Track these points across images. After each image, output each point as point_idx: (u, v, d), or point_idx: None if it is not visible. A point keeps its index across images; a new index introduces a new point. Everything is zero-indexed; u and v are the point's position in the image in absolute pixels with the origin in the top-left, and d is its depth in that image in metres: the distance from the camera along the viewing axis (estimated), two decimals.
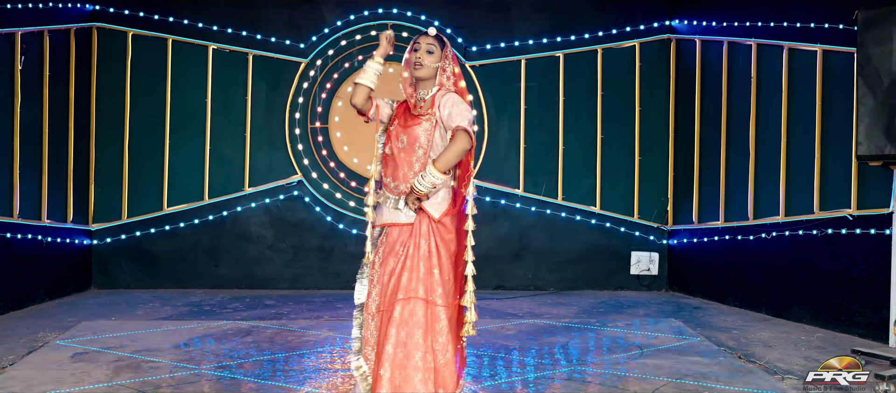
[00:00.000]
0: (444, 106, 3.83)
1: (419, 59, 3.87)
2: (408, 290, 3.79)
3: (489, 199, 7.90)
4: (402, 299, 3.79)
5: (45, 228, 7.00)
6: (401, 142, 3.87)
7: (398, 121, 3.94)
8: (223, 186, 7.72)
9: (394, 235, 3.87)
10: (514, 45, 7.86)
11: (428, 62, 3.86)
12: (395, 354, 3.76)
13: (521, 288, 7.95)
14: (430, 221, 3.81)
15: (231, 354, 5.38)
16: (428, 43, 3.88)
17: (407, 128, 3.87)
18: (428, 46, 3.87)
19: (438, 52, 3.88)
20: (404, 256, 3.83)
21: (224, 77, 7.68)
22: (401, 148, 3.87)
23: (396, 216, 3.86)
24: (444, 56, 3.89)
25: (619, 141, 7.95)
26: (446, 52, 3.90)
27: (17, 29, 6.55)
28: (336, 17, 7.73)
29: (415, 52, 3.89)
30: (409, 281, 3.80)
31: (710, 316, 6.88)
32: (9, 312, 6.61)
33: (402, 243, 3.84)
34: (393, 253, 3.85)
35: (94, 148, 7.62)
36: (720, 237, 7.38)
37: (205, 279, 7.73)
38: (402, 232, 3.84)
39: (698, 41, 7.61)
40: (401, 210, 3.85)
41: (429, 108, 3.88)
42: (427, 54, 3.87)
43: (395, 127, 3.92)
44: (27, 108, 6.74)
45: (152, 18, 7.58)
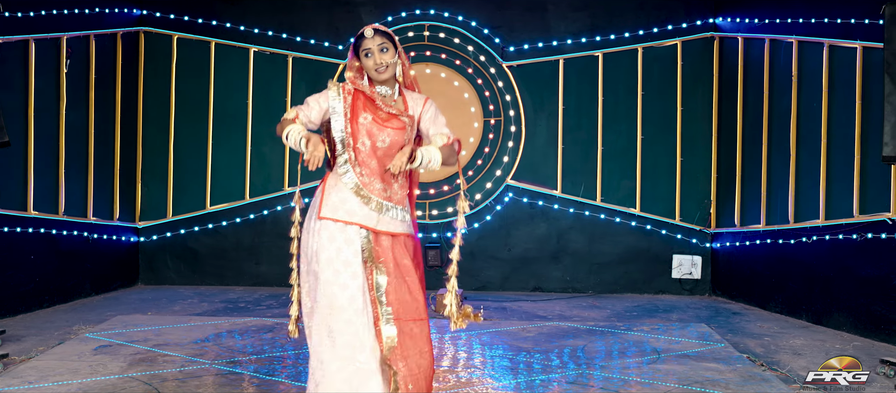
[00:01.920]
0: (426, 114, 3.73)
1: (380, 62, 3.66)
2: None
3: (526, 200, 7.85)
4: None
5: (91, 225, 7.26)
6: (382, 141, 3.65)
7: (370, 115, 3.67)
8: (264, 186, 7.87)
9: (386, 244, 3.68)
10: (552, 45, 7.79)
11: (389, 60, 3.67)
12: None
13: (558, 290, 7.88)
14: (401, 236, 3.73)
15: (245, 349, 5.49)
16: (378, 44, 3.66)
17: (387, 127, 3.66)
18: (380, 45, 3.66)
19: (392, 48, 3.69)
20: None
21: (265, 78, 7.84)
22: (381, 147, 3.66)
23: (392, 225, 3.67)
24: (397, 49, 3.71)
25: (659, 141, 7.80)
26: (397, 45, 3.72)
27: (63, 34, 6.81)
28: (373, 18, 7.80)
29: (367, 56, 3.67)
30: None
31: (747, 322, 6.69)
32: (54, 306, 6.88)
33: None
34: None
35: (142, 148, 7.86)
36: (762, 241, 7.16)
37: (246, 277, 7.90)
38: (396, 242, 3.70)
39: (741, 39, 7.41)
40: (395, 219, 3.68)
41: (404, 110, 3.72)
42: (382, 53, 3.66)
43: (370, 123, 3.65)
44: (73, 110, 7.00)
45: (196, 22, 7.78)
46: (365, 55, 3.67)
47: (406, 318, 3.64)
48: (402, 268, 3.67)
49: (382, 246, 3.65)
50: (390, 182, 3.68)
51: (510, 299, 7.48)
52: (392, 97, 3.75)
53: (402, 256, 3.68)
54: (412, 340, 3.63)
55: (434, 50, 7.79)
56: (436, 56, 7.79)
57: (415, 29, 7.79)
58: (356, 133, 3.64)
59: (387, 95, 3.73)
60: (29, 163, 6.56)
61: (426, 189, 7.80)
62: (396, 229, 3.68)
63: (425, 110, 3.74)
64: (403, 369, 3.59)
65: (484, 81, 7.78)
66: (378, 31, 3.68)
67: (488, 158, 7.81)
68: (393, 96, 3.75)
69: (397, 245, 3.70)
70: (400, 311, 3.63)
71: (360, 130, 3.64)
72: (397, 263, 3.67)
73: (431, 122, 3.75)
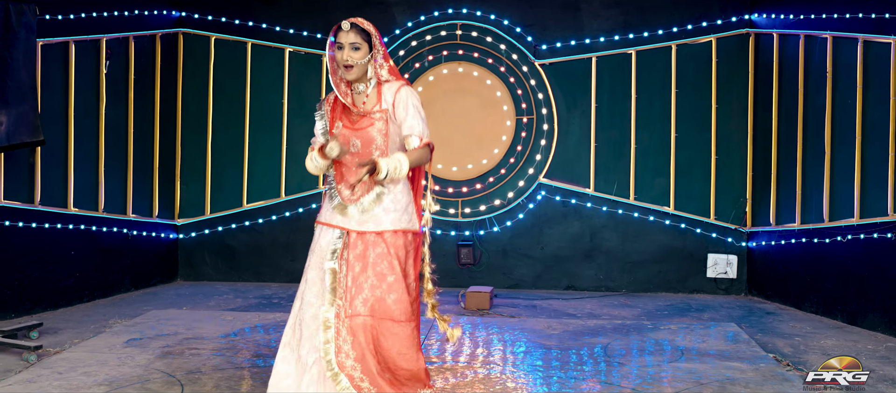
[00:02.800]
0: (399, 104, 3.73)
1: (346, 59, 3.68)
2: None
3: (559, 198, 7.83)
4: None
5: (131, 222, 7.45)
6: (353, 146, 3.76)
7: (342, 121, 3.77)
8: (299, 184, 7.98)
9: (361, 243, 3.76)
10: (585, 43, 7.76)
11: (357, 59, 3.68)
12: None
13: (592, 289, 7.85)
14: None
15: (270, 343, 5.59)
16: (350, 41, 3.68)
17: (357, 129, 3.74)
18: (352, 43, 3.68)
19: (365, 47, 3.69)
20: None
21: (299, 78, 7.95)
22: (354, 153, 3.74)
23: (369, 225, 3.75)
24: (372, 47, 3.71)
25: (694, 140, 7.72)
26: (373, 41, 3.71)
27: (103, 35, 7.00)
28: (406, 18, 7.87)
29: (340, 49, 3.69)
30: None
31: (780, 322, 6.60)
32: (94, 300, 7.07)
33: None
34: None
35: (181, 147, 8.03)
36: (797, 240, 7.05)
37: (281, 273, 8.02)
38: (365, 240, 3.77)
39: (776, 35, 7.30)
40: (369, 219, 3.75)
41: (376, 103, 3.75)
42: (353, 51, 3.68)
43: (341, 129, 3.76)
44: (112, 109, 7.18)
45: (233, 23, 7.93)
46: (338, 47, 3.73)
47: (371, 315, 3.70)
48: (375, 265, 3.72)
49: (356, 245, 3.74)
50: (371, 186, 3.74)
51: (541, 298, 7.48)
52: (365, 92, 3.77)
53: (383, 257, 3.72)
54: (371, 340, 3.69)
55: (466, 49, 7.82)
56: (468, 55, 7.82)
57: (447, 28, 7.83)
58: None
59: (360, 91, 3.78)
60: (69, 161, 6.76)
61: (459, 187, 7.84)
62: (375, 228, 3.74)
63: (397, 100, 3.75)
64: (358, 367, 3.68)
65: (516, 80, 7.79)
66: (355, 26, 3.71)
67: (520, 157, 7.82)
68: (366, 91, 3.77)
69: (379, 244, 3.73)
70: (363, 305, 3.70)
71: (337, 139, 3.74)
72: (367, 261, 3.72)
73: (403, 115, 3.75)
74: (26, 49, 5.38)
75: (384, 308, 3.71)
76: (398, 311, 3.71)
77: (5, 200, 6.21)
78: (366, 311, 3.70)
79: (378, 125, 3.73)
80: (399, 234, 3.75)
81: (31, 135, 5.46)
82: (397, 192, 3.78)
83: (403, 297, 3.73)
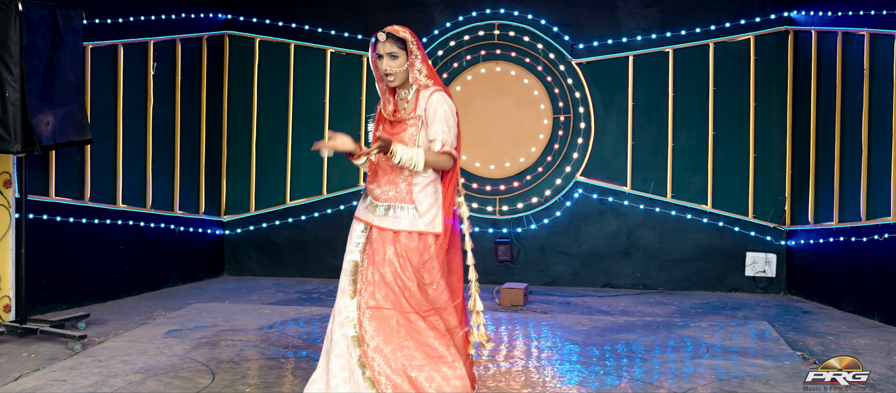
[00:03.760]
0: (430, 110, 3.83)
1: (386, 69, 3.82)
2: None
3: (596, 196, 7.88)
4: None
5: (178, 218, 7.71)
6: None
7: (384, 126, 3.94)
8: (340, 182, 8.16)
9: (384, 238, 3.87)
10: (622, 42, 7.79)
11: (395, 68, 3.81)
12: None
13: (629, 287, 7.87)
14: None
15: (303, 336, 5.76)
16: (388, 51, 3.81)
17: (394, 134, 3.87)
18: (389, 53, 3.81)
19: (403, 54, 3.82)
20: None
21: (341, 79, 8.13)
22: (387, 156, 3.83)
23: (395, 223, 3.84)
24: (409, 53, 3.83)
25: (732, 138, 7.69)
26: (410, 48, 3.83)
27: (150, 38, 7.27)
28: (445, 18, 7.99)
29: (379, 59, 3.84)
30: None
31: (815, 321, 6.56)
32: (142, 294, 7.34)
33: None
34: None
35: (227, 146, 8.28)
36: (835, 238, 6.99)
37: (323, 268, 8.21)
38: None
39: (814, 32, 7.24)
40: (389, 217, 3.85)
41: (412, 110, 3.87)
42: (391, 60, 3.81)
43: (381, 133, 3.90)
44: (160, 109, 7.45)
45: (277, 25, 8.14)
46: (378, 57, 3.87)
47: (395, 309, 3.80)
48: (390, 263, 3.82)
49: (376, 240, 3.86)
50: (396, 183, 3.86)
51: (577, 295, 7.53)
52: (406, 98, 3.92)
53: (396, 255, 3.81)
54: (393, 332, 3.79)
55: (504, 48, 7.91)
56: (505, 54, 7.91)
57: (485, 28, 7.93)
58: (373, 143, 3.88)
59: (403, 98, 3.93)
60: (118, 159, 7.03)
61: (497, 185, 7.94)
62: (393, 226, 3.84)
63: (428, 106, 3.85)
64: (380, 362, 3.77)
65: (553, 79, 7.86)
66: (390, 36, 3.82)
67: (558, 155, 7.88)
68: (407, 97, 3.92)
69: (394, 242, 3.83)
70: (384, 299, 3.80)
71: (375, 141, 3.86)
72: (385, 256, 3.83)
73: (430, 120, 3.85)
74: (73, 52, 5.63)
75: (402, 302, 3.81)
76: (428, 301, 3.84)
77: (57, 197, 6.50)
78: (388, 304, 3.80)
79: (410, 131, 3.84)
80: (414, 235, 3.83)
81: (77, 133, 5.71)
82: (421, 195, 3.87)
83: (432, 289, 3.85)
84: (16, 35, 5.15)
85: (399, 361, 3.77)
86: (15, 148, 5.19)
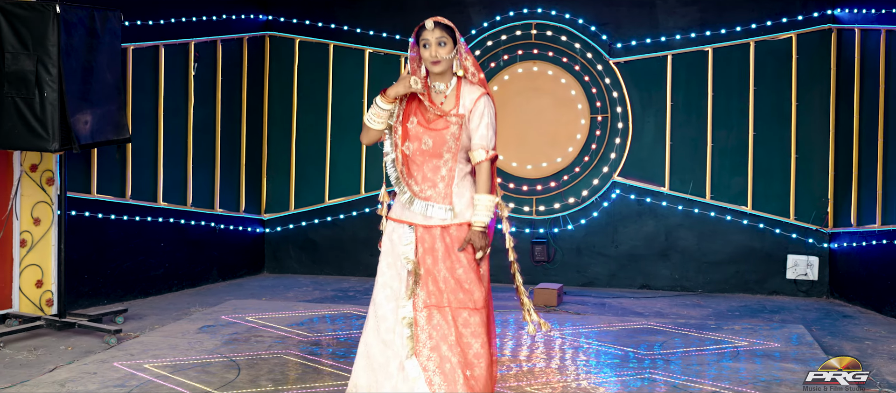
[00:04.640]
0: (476, 113, 3.76)
1: (435, 55, 3.76)
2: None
3: (634, 196, 7.81)
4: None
5: (218, 216, 7.85)
6: (425, 144, 3.79)
7: (417, 117, 3.82)
8: (378, 181, 8.21)
9: (430, 235, 3.81)
10: (660, 41, 7.71)
11: (444, 55, 3.76)
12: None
13: (667, 289, 7.79)
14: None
15: (333, 333, 5.83)
16: (437, 36, 3.78)
17: (432, 129, 3.78)
18: (438, 39, 3.78)
19: (451, 42, 3.79)
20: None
21: (379, 78, 8.18)
22: (425, 150, 3.79)
23: (434, 220, 3.79)
24: (456, 42, 3.80)
25: (773, 138, 7.56)
26: (457, 36, 3.80)
27: (191, 39, 7.42)
28: (482, 18, 8.00)
29: (425, 48, 3.79)
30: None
31: (854, 325, 6.43)
32: (183, 290, 7.49)
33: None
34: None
35: (267, 145, 8.40)
36: (878, 241, 6.83)
37: (361, 267, 8.27)
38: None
39: (857, 31, 7.09)
40: (437, 215, 3.79)
41: (453, 106, 3.79)
42: (440, 47, 3.77)
43: (415, 126, 3.81)
44: (201, 109, 7.59)
45: (317, 26, 8.24)
46: (423, 46, 3.81)
47: (446, 306, 3.73)
48: (444, 259, 3.75)
49: (424, 239, 3.79)
50: (435, 182, 3.80)
51: (613, 296, 7.48)
52: (444, 92, 3.83)
53: (450, 250, 3.76)
54: (439, 330, 3.73)
55: (541, 48, 7.89)
56: (542, 54, 7.89)
57: (522, 27, 7.92)
58: (404, 136, 3.82)
59: (440, 91, 3.83)
60: (159, 158, 7.19)
61: (533, 185, 7.92)
62: (440, 222, 3.77)
63: (474, 109, 3.77)
64: (434, 360, 3.71)
65: (590, 78, 7.81)
66: (439, 24, 3.80)
67: (595, 155, 7.83)
68: (445, 92, 3.83)
69: (445, 237, 3.76)
70: (436, 298, 3.73)
71: (408, 133, 3.81)
72: (437, 255, 3.76)
73: (475, 127, 3.79)
74: (111, 53, 5.77)
75: (459, 298, 3.75)
76: (472, 299, 3.75)
77: (98, 195, 6.67)
78: (444, 302, 3.75)
79: (452, 129, 3.78)
80: (463, 227, 3.78)
81: (115, 132, 5.85)
82: (460, 189, 3.82)
83: (475, 286, 3.76)
84: (54, 36, 5.30)
85: (454, 358, 3.71)
86: (53, 146, 5.34)
